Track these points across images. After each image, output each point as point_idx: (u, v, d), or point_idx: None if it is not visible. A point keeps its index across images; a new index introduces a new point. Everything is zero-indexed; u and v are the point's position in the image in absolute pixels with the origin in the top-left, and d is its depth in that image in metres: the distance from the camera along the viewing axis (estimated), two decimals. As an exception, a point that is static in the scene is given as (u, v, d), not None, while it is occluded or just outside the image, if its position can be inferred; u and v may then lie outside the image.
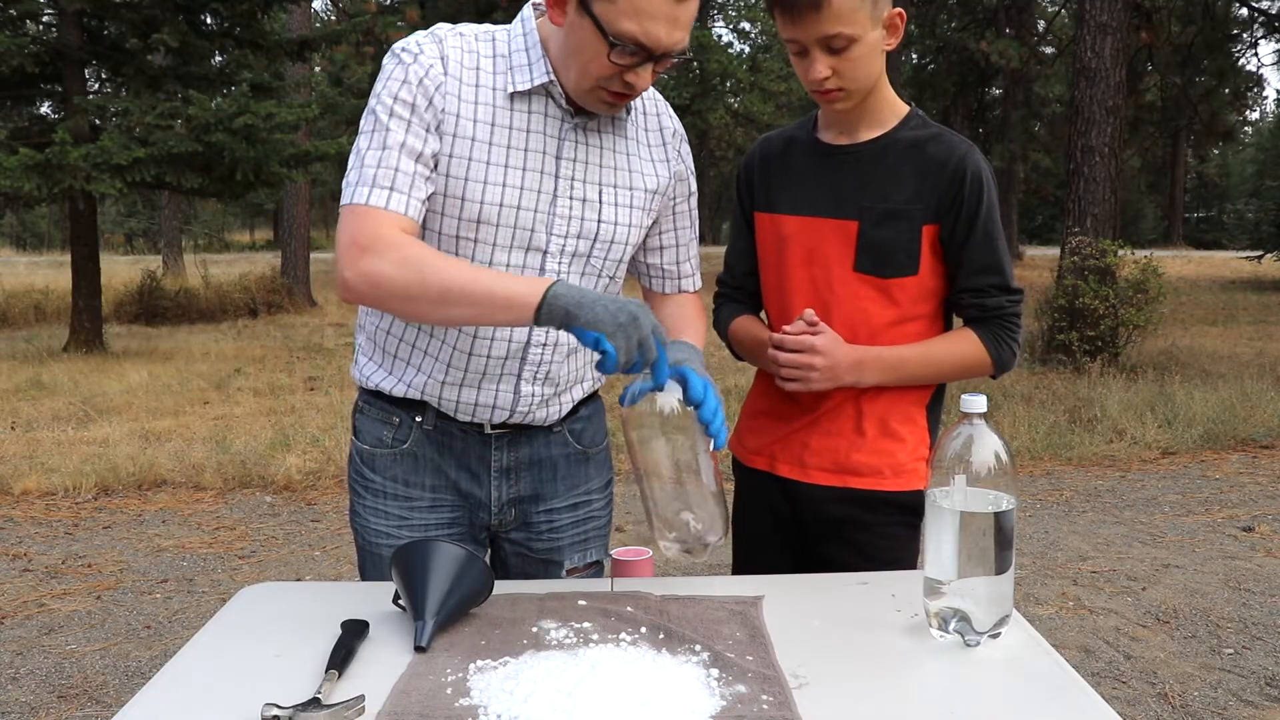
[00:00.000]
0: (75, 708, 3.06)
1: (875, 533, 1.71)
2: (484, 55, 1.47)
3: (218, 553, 4.51)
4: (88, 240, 10.65)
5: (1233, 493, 5.32)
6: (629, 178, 1.56)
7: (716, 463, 1.43)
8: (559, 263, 1.51)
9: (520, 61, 1.47)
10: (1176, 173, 36.78)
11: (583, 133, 1.51)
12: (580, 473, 1.69)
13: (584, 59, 1.39)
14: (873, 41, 1.57)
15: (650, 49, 1.36)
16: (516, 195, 1.46)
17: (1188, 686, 3.12)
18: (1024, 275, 18.01)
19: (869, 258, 1.65)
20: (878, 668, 1.22)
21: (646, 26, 1.33)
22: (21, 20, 10.45)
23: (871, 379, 1.66)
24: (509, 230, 1.47)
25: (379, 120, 1.43)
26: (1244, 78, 26.04)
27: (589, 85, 1.41)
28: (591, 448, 1.71)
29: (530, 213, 1.48)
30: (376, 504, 1.62)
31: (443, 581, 1.29)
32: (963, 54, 21.04)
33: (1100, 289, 8.57)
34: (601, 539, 1.74)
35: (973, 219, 1.64)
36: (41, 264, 26.11)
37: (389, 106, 1.42)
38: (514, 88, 1.45)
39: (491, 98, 1.45)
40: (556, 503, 1.67)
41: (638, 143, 1.58)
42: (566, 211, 1.50)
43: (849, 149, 1.69)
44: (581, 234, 1.52)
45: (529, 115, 1.47)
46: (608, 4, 1.33)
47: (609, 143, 1.54)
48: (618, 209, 1.54)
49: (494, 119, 1.45)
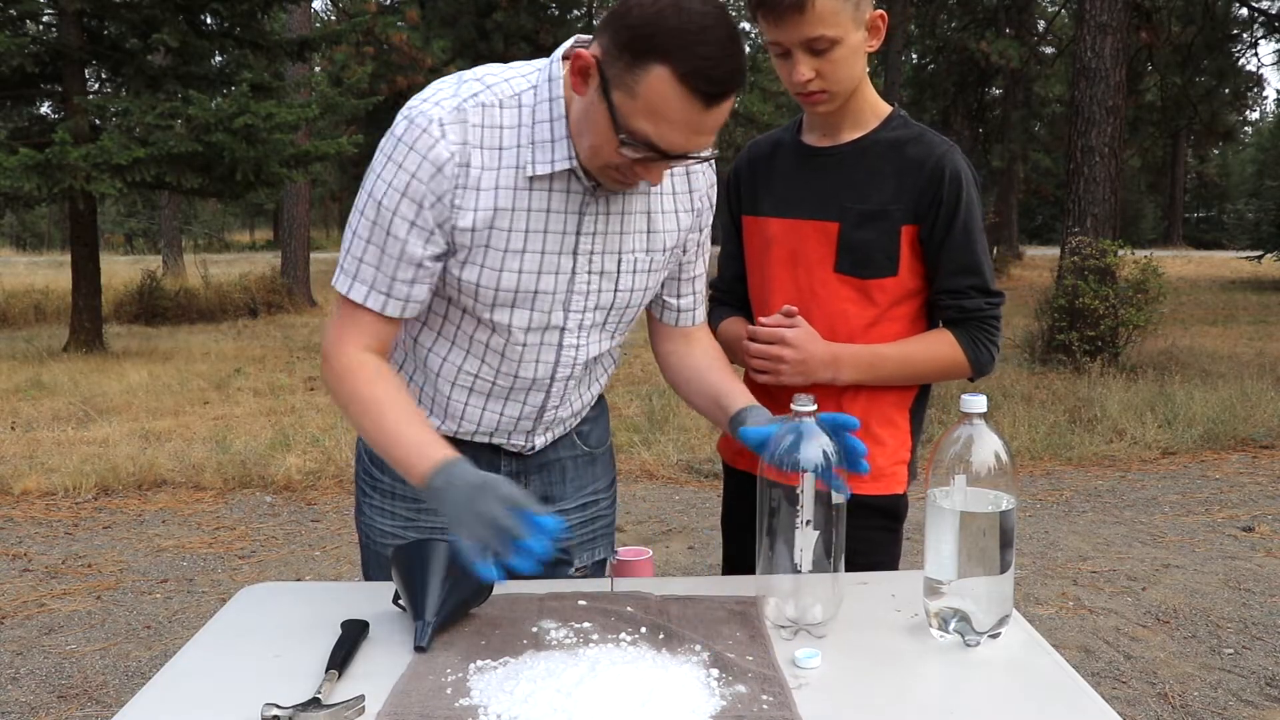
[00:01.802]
0: (75, 708, 3.06)
1: (851, 535, 1.71)
2: (507, 128, 1.35)
3: (218, 553, 4.51)
4: (88, 240, 10.65)
5: (1233, 493, 5.32)
6: (648, 239, 1.48)
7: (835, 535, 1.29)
8: (576, 337, 1.48)
9: (543, 137, 1.35)
10: (1176, 173, 36.79)
11: (605, 202, 1.42)
12: (588, 473, 1.69)
13: (595, 141, 1.29)
14: (855, 43, 1.57)
15: (664, 152, 1.26)
16: (534, 280, 1.41)
17: (1188, 686, 3.12)
18: (1024, 275, 18.04)
19: (849, 259, 1.65)
20: (878, 668, 1.22)
21: (663, 131, 1.23)
22: (21, 20, 10.45)
23: (848, 376, 1.65)
24: (526, 313, 1.43)
25: (382, 212, 1.35)
26: (1244, 78, 26.08)
27: (598, 165, 1.33)
28: (598, 448, 1.71)
29: (549, 295, 1.42)
30: (384, 504, 1.61)
31: (442, 581, 1.28)
32: (963, 54, 21.04)
33: (1100, 289, 8.57)
34: (608, 537, 1.74)
35: (951, 219, 1.63)
36: (41, 264, 26.11)
37: (396, 200, 1.34)
38: (534, 171, 1.35)
39: (513, 179, 1.36)
40: (566, 504, 1.66)
41: (660, 195, 1.49)
42: (585, 287, 1.44)
43: (831, 150, 1.70)
44: (599, 305, 1.47)
45: (549, 195, 1.38)
46: (627, 98, 1.23)
47: (630, 205, 1.45)
48: (635, 275, 1.48)
49: (513, 203, 1.37)
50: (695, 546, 4.53)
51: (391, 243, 1.36)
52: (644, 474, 5.74)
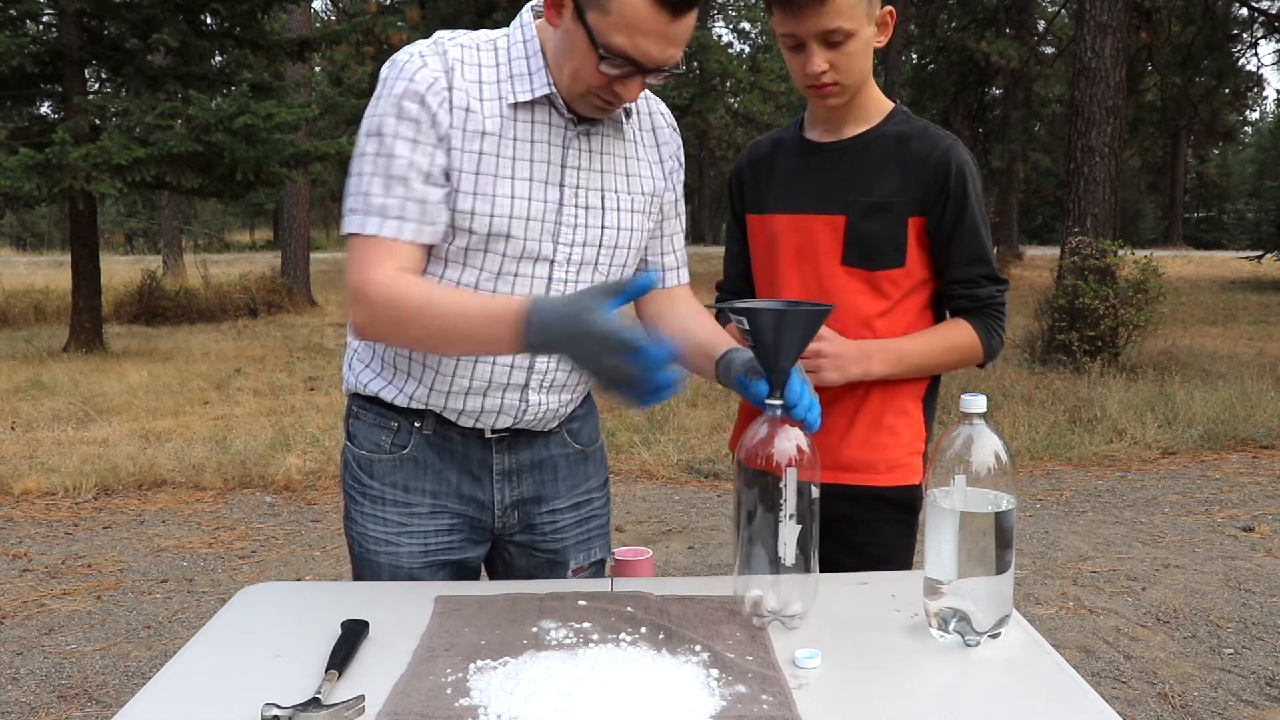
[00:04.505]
0: (75, 708, 3.06)
1: (866, 529, 1.71)
2: (486, 65, 1.45)
3: (218, 553, 4.51)
4: (88, 240, 10.65)
5: (1233, 493, 5.32)
6: (628, 182, 1.55)
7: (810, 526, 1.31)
8: (566, 271, 1.50)
9: (521, 70, 1.45)
10: (1176, 173, 36.78)
11: (586, 139, 1.50)
12: (580, 472, 1.69)
13: (575, 65, 1.38)
14: (867, 37, 1.61)
15: (640, 63, 1.34)
16: (525, 206, 1.45)
17: (1188, 686, 3.12)
18: (1024, 275, 18.01)
19: (857, 251, 1.67)
20: (878, 668, 1.22)
21: (638, 42, 1.32)
22: (21, 20, 10.46)
23: (879, 370, 1.66)
24: (519, 242, 1.46)
25: (383, 141, 1.40)
26: (1244, 78, 26.06)
27: (580, 90, 1.40)
28: (589, 446, 1.71)
29: (538, 223, 1.46)
30: (375, 510, 1.59)
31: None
32: (963, 54, 21.06)
33: (1100, 289, 8.57)
34: (604, 536, 1.74)
35: (960, 211, 1.66)
36: (41, 264, 26.11)
37: (393, 125, 1.39)
38: (515, 98, 1.44)
39: (497, 109, 1.44)
40: (559, 503, 1.66)
41: (636, 144, 1.58)
42: (572, 220, 1.49)
43: (835, 145, 1.71)
44: (587, 241, 1.51)
45: (533, 125, 1.46)
46: (601, 15, 1.31)
47: (611, 147, 1.53)
48: (620, 214, 1.54)
49: (500, 130, 1.43)
50: (695, 546, 4.53)
51: (397, 164, 1.39)
52: (644, 474, 5.74)
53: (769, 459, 1.28)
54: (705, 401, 7.47)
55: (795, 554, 1.28)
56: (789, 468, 1.27)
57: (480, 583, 1.59)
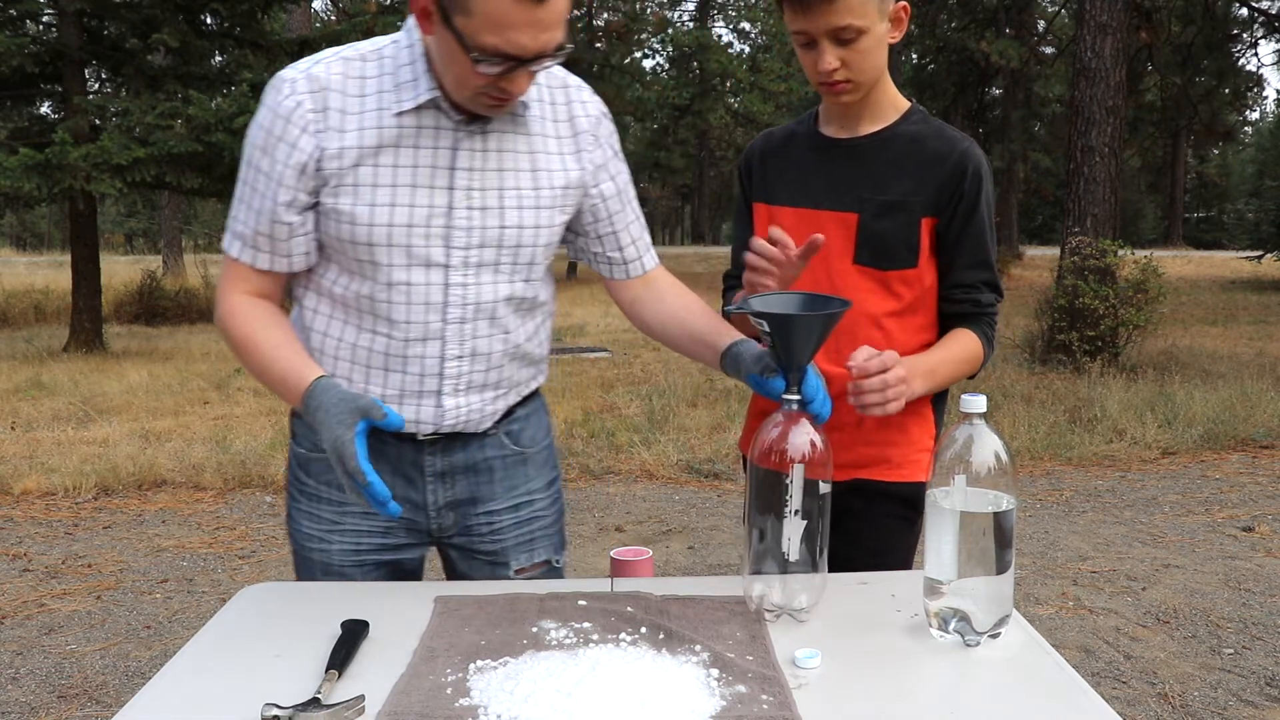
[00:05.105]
0: (75, 708, 3.06)
1: (869, 521, 1.71)
2: (370, 77, 1.44)
3: (218, 553, 4.51)
4: (88, 240, 10.65)
5: (1233, 493, 5.32)
6: (533, 177, 1.51)
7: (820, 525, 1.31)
8: (464, 275, 1.48)
9: (406, 78, 1.43)
10: (1176, 173, 36.78)
11: (479, 138, 1.46)
12: (519, 474, 1.66)
13: (455, 69, 1.35)
14: (880, 34, 1.59)
15: (517, 57, 1.31)
16: (407, 213, 1.43)
17: (1188, 686, 3.12)
18: (1024, 275, 18.03)
19: (869, 250, 1.66)
20: (878, 668, 1.22)
21: (509, 36, 1.28)
22: (21, 20, 10.46)
23: (919, 388, 1.59)
24: (403, 249, 1.44)
25: (248, 167, 1.45)
26: (1244, 78, 26.08)
27: (467, 93, 1.38)
28: (530, 448, 1.67)
29: (423, 229, 1.44)
30: (310, 508, 1.60)
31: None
32: (963, 54, 21.05)
33: (1100, 289, 8.57)
34: (549, 538, 1.71)
35: (970, 213, 1.65)
36: (41, 264, 26.10)
37: (257, 155, 1.44)
38: (400, 108, 1.42)
39: (378, 120, 1.42)
40: (495, 505, 1.64)
41: (544, 137, 1.52)
42: (465, 223, 1.46)
43: (850, 142, 1.70)
44: (484, 243, 1.48)
45: (418, 131, 1.43)
46: (466, 19, 1.28)
47: (509, 143, 1.49)
48: (523, 211, 1.50)
49: (380, 141, 1.42)
50: (695, 546, 4.53)
51: (256, 194, 1.45)
52: (644, 474, 5.74)
53: (783, 454, 1.29)
54: (705, 401, 7.47)
55: (801, 549, 1.29)
56: (796, 464, 1.28)
57: (480, 583, 1.59)
